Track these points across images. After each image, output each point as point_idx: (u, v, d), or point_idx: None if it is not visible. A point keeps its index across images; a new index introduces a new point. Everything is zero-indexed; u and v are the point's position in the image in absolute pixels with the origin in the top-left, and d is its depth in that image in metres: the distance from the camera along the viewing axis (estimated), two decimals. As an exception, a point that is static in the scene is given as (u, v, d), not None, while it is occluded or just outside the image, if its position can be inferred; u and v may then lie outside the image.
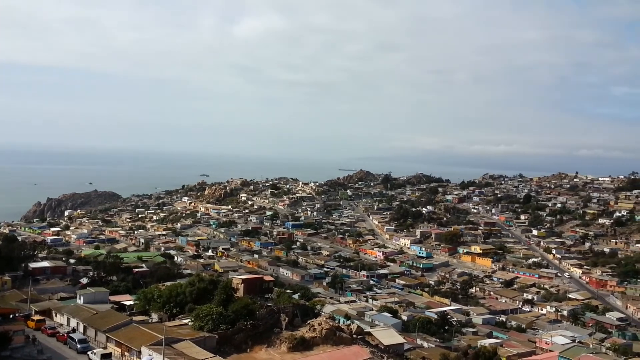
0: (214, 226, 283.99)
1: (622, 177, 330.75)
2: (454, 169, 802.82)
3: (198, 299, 76.07)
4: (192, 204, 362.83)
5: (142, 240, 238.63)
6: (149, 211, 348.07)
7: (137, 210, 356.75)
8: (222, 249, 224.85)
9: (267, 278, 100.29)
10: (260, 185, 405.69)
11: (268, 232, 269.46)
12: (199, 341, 61.00)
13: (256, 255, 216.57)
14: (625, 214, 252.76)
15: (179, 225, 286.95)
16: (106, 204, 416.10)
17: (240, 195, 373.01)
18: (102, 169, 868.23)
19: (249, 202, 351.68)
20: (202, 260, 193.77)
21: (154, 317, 76.46)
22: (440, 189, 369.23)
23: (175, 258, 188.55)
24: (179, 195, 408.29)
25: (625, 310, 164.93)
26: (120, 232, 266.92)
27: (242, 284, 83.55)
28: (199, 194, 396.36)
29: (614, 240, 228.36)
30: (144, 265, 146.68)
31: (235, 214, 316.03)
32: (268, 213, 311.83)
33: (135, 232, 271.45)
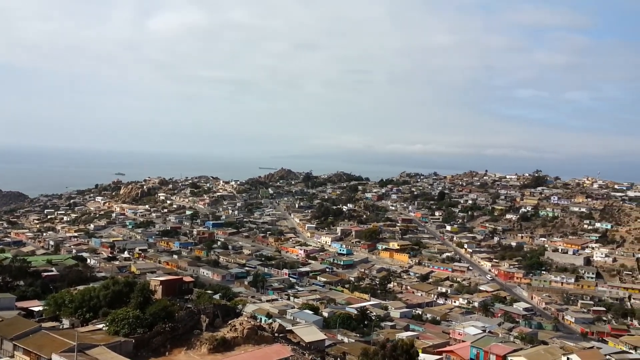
0: (130, 227, 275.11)
1: (527, 174, 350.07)
2: (373, 167, 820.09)
3: (113, 303, 73.52)
4: (107, 203, 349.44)
5: (51, 243, 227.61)
6: (59, 212, 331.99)
7: (46, 211, 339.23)
8: (139, 250, 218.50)
9: (187, 279, 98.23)
10: (180, 184, 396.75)
11: (188, 231, 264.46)
12: (115, 346, 59.11)
13: (175, 256, 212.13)
14: (530, 209, 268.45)
15: (92, 226, 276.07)
16: (11, 204, 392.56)
17: (159, 194, 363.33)
18: (5, 168, 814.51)
19: (168, 202, 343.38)
20: (117, 263, 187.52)
21: (66, 323, 73.24)
22: (360, 187, 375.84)
23: (89, 260, 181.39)
24: (92, 194, 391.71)
25: (531, 301, 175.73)
26: (28, 234, 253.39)
27: (161, 286, 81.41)
28: (113, 193, 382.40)
29: (520, 235, 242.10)
30: (53, 268, 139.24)
31: (153, 214, 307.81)
32: (188, 212, 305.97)
33: (44, 234, 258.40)
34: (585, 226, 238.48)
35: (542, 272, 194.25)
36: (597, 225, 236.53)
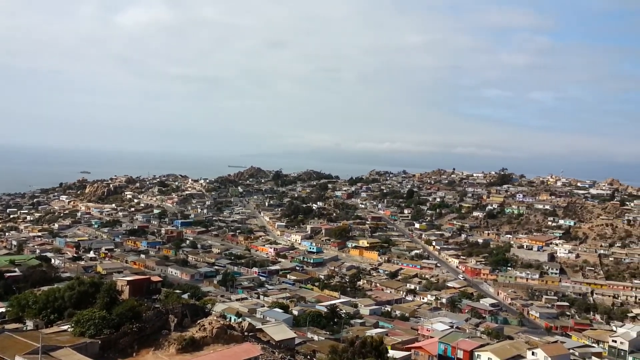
0: (96, 226, 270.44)
1: (493, 172, 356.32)
2: (343, 166, 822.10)
3: (79, 304, 72.23)
4: (72, 202, 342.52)
5: (14, 243, 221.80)
6: (22, 211, 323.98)
7: (8, 210, 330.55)
8: (105, 249, 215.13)
9: (155, 278, 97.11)
10: (147, 183, 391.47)
11: (156, 231, 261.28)
12: (80, 347, 58.06)
13: (143, 255, 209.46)
14: (496, 207, 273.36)
15: (56, 225, 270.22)
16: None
17: (125, 193, 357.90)
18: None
19: (135, 200, 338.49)
20: (83, 263, 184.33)
21: (29, 324, 71.65)
22: (330, 185, 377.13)
23: (53, 261, 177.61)
24: (56, 193, 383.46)
25: (497, 297, 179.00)
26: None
27: (128, 286, 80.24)
28: (79, 192, 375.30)
29: (487, 232, 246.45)
30: (16, 269, 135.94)
31: (120, 213, 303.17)
32: (155, 211, 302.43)
33: (7, 233, 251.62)
34: (549, 223, 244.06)
35: (508, 268, 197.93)
36: (561, 222, 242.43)
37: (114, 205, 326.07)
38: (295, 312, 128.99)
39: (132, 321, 63.95)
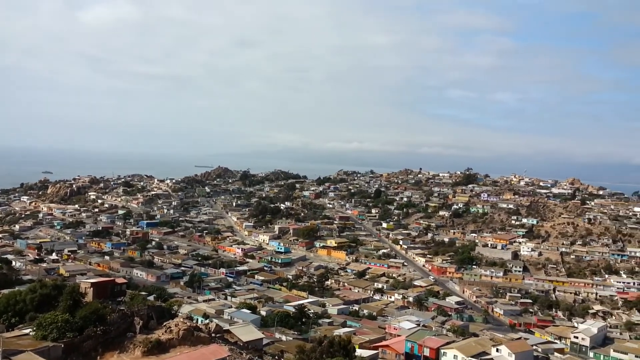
0: (58, 227, 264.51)
1: (459, 172, 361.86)
2: (311, 166, 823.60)
3: (41, 307, 70.69)
4: (33, 203, 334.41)
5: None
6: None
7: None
8: (68, 251, 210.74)
9: (120, 280, 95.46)
10: (112, 183, 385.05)
11: (120, 232, 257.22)
12: (43, 352, 56.83)
13: (107, 257, 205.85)
14: (461, 206, 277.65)
15: (17, 227, 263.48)
16: None
17: (89, 193, 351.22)
18: None
19: (99, 201, 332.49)
20: (45, 265, 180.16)
21: (-11, 329, 69.66)
22: (297, 185, 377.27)
23: (14, 263, 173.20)
24: (17, 194, 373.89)
25: (463, 294, 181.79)
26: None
27: (91, 288, 78.81)
28: (40, 192, 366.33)
29: (452, 231, 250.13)
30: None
31: (83, 214, 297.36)
32: (120, 212, 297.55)
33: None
34: (513, 222, 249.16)
35: (473, 266, 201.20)
36: (524, 221, 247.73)
37: (77, 206, 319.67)
38: (263, 313, 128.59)
39: (96, 324, 62.94)
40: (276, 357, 73.81)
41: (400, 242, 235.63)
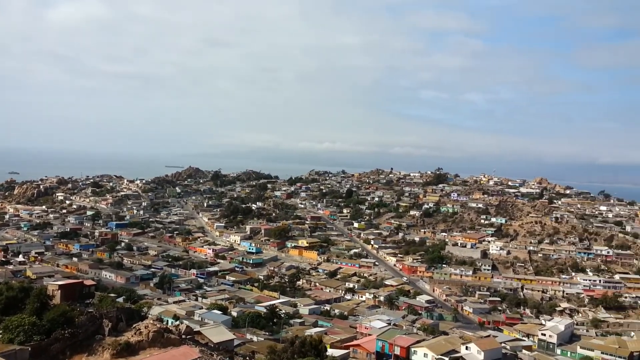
0: (25, 228, 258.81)
1: (430, 172, 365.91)
2: (283, 166, 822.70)
3: (7, 310, 69.24)
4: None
5: None
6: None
7: None
8: (35, 253, 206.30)
9: (88, 282, 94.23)
10: (80, 184, 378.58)
11: (89, 233, 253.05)
12: (9, 355, 55.92)
13: (75, 259, 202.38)
14: (432, 206, 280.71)
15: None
16: None
17: (57, 194, 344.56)
18: None
19: (67, 202, 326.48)
20: (11, 267, 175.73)
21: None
22: (269, 185, 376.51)
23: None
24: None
25: (433, 293, 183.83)
26: None
27: (59, 290, 77.69)
28: (7, 193, 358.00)
29: (423, 230, 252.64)
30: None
31: (51, 215, 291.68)
32: (89, 213, 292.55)
33: None
34: (482, 221, 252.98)
35: (443, 265, 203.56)
36: (493, 220, 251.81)
37: (44, 207, 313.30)
38: (234, 314, 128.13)
39: (64, 327, 62.09)
40: (247, 358, 73.71)
41: (372, 242, 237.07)
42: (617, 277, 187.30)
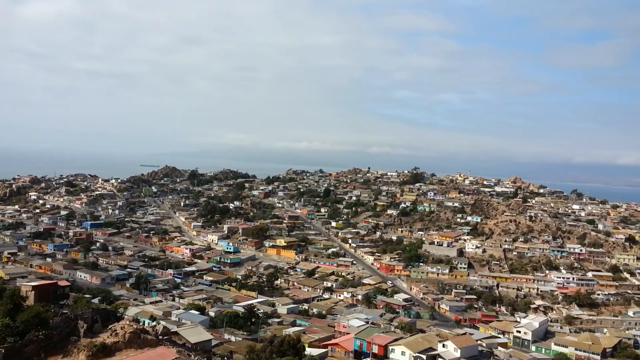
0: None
1: (406, 171, 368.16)
2: (260, 165, 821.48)
3: (-21, 312, 67.92)
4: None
5: None
6: None
7: None
8: (8, 253, 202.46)
9: (63, 283, 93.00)
10: (54, 183, 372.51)
11: (63, 233, 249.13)
12: (-19, 358, 54.76)
13: (49, 259, 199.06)
14: (409, 205, 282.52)
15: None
16: None
17: (30, 193, 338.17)
18: None
19: (40, 202, 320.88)
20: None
21: None
22: (247, 185, 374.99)
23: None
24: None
25: (410, 292, 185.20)
26: None
27: (33, 292, 76.50)
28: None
29: (400, 229, 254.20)
30: None
31: (24, 215, 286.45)
32: (63, 212, 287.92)
33: None
34: (458, 220, 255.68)
35: (420, 264, 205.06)
36: (469, 218, 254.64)
37: (17, 206, 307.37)
38: (212, 314, 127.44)
39: (38, 328, 61.19)
40: (225, 358, 73.43)
41: (349, 241, 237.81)
42: (589, 274, 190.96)
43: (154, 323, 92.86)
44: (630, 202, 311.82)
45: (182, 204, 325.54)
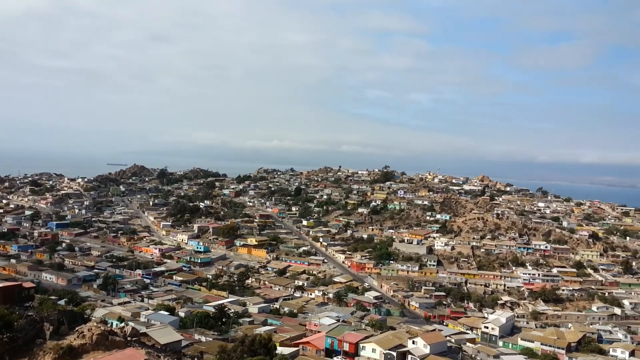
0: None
1: (377, 170, 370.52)
2: (231, 164, 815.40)
3: (-61, 316, 65.91)
4: None
5: None
6: None
7: None
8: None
9: (27, 284, 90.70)
10: (18, 182, 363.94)
11: (27, 233, 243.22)
12: (-59, 364, 53.22)
13: (13, 260, 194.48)
14: (379, 203, 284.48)
15: None
16: None
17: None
18: None
19: (4, 201, 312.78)
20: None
21: None
22: (217, 184, 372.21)
23: None
24: None
25: (380, 289, 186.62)
26: None
27: (-4, 294, 74.50)
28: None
29: (371, 227, 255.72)
30: None
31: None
32: (27, 212, 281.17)
33: None
34: (428, 218, 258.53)
35: (390, 262, 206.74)
36: (438, 216, 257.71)
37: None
38: (182, 314, 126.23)
39: (2, 331, 59.63)
40: (195, 359, 72.88)
41: (321, 240, 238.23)
42: (554, 270, 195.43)
43: (123, 324, 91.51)
44: (593, 200, 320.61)
45: (151, 203, 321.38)
